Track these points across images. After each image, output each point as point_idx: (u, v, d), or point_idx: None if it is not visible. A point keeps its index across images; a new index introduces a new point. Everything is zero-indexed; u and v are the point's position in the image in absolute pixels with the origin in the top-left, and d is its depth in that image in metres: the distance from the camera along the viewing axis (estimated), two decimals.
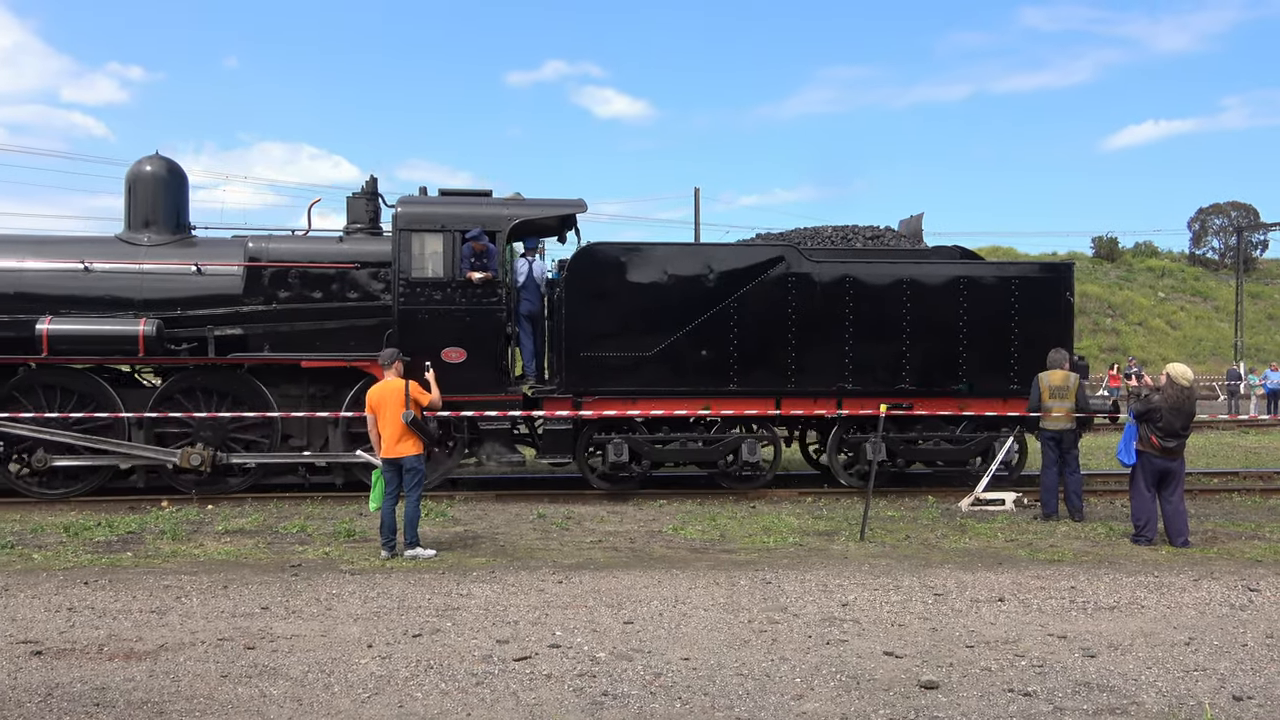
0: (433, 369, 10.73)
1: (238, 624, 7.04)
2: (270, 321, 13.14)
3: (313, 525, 11.06)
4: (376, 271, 13.22)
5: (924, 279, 13.58)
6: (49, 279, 12.92)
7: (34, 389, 12.89)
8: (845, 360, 13.39)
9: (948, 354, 13.47)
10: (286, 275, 13.18)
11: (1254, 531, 11.11)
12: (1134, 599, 7.93)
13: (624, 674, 5.97)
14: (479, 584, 8.26)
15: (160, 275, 13.03)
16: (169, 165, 13.71)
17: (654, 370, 13.09)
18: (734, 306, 13.24)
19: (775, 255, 13.50)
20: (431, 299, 12.92)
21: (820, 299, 13.36)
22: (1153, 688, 5.82)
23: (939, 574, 8.75)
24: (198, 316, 13.02)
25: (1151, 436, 10.26)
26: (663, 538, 10.60)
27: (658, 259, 13.37)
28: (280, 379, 13.24)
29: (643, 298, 13.22)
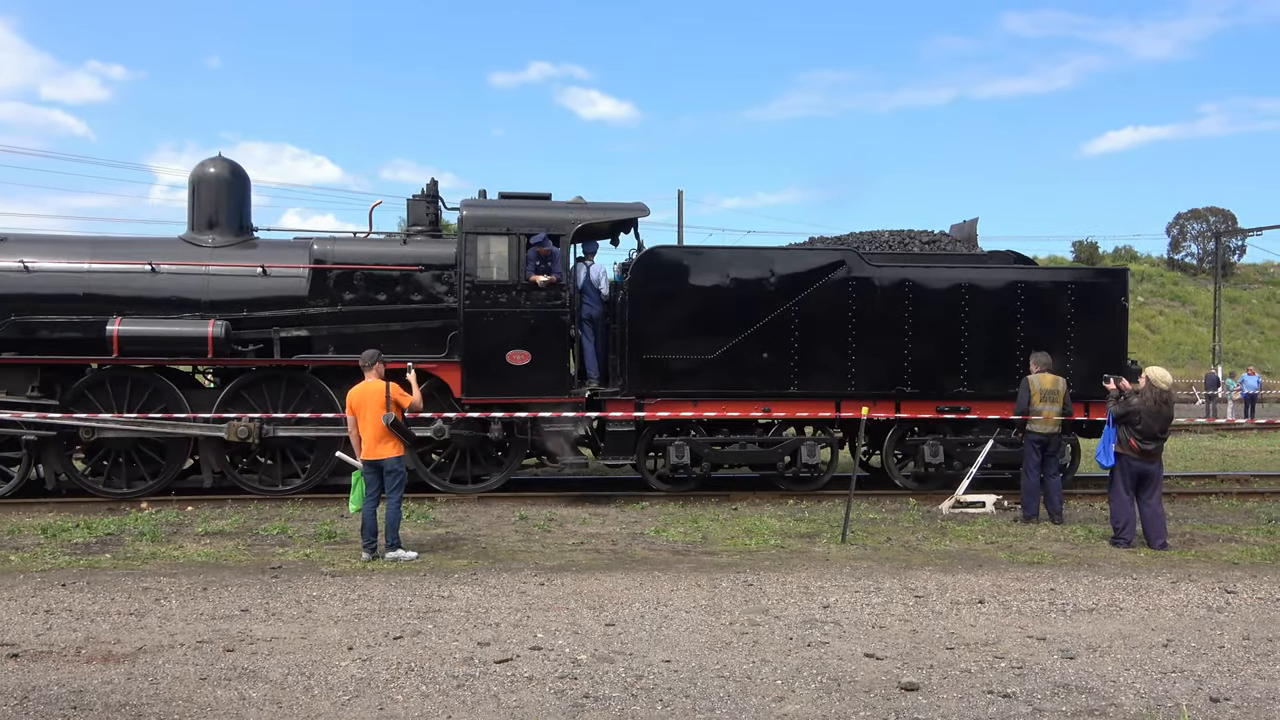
0: (413, 370, 10.67)
1: (217, 626, 7.00)
2: (335, 323, 13.18)
3: (293, 527, 11.01)
4: (440, 274, 13.28)
5: (982, 283, 13.76)
6: (116, 280, 12.92)
7: (102, 388, 12.89)
8: (904, 363, 13.51)
9: (1004, 358, 13.57)
10: (351, 277, 13.21)
11: (1231, 534, 11.20)
12: (1112, 601, 7.98)
13: (605, 676, 5.97)
14: (460, 586, 8.24)
15: (226, 277, 13.08)
16: (232, 167, 13.74)
17: (715, 373, 13.18)
18: (795, 310, 13.37)
19: (836, 259, 13.65)
20: (497, 301, 13.01)
21: (880, 303, 13.50)
22: (1131, 689, 5.86)
23: (920, 576, 8.78)
24: (263, 318, 13.06)
25: (1130, 439, 10.33)
26: (645, 540, 10.61)
27: (720, 262, 13.52)
28: (345, 381, 13.12)
29: (705, 301, 13.31)
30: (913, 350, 13.48)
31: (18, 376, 12.77)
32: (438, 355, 13.03)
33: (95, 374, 12.90)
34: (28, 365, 12.73)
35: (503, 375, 12.93)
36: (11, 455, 12.78)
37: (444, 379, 13.06)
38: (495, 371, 12.95)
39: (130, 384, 12.90)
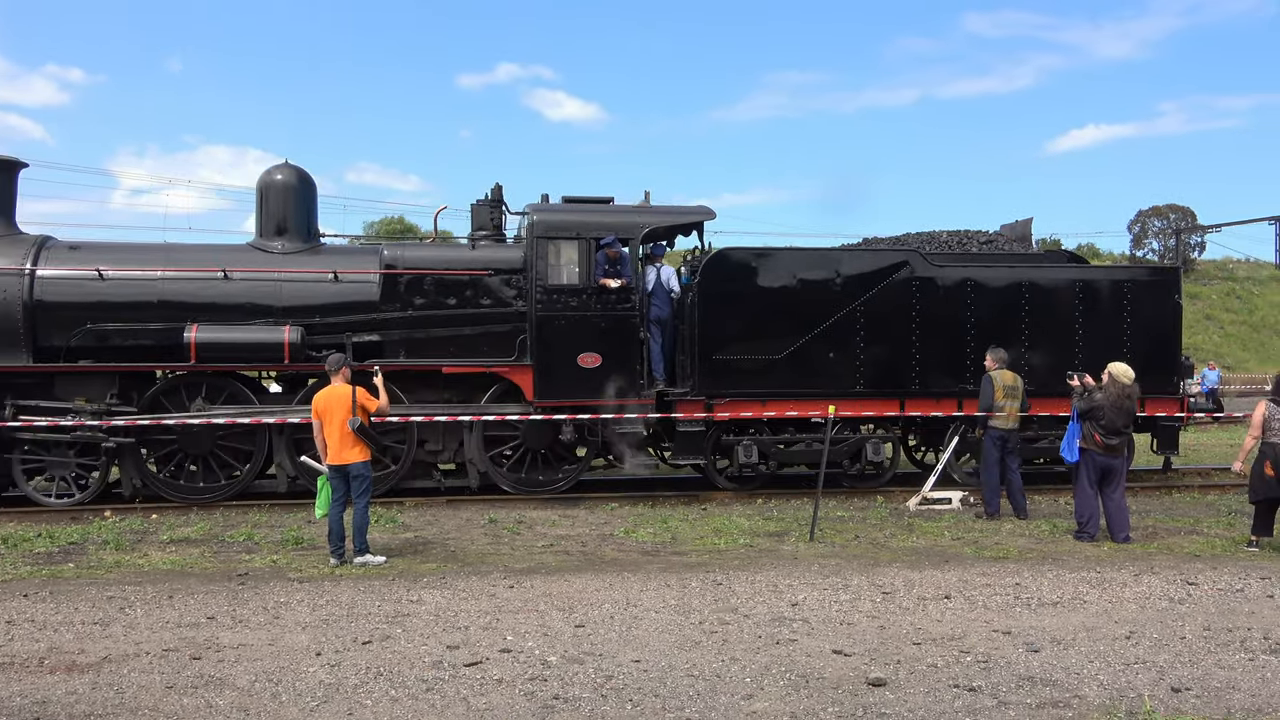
0: (381, 374, 10.62)
1: (183, 634, 6.95)
2: (407, 328, 13.23)
3: (260, 534, 10.93)
4: (508, 278, 13.38)
5: (1042, 283, 14.04)
6: (190, 287, 12.95)
7: (178, 394, 12.95)
8: (966, 362, 13.70)
9: (1063, 355, 13.71)
10: (422, 282, 13.28)
11: (1192, 527, 11.37)
12: (1077, 594, 8.08)
13: (575, 677, 5.98)
14: (429, 590, 8.22)
15: (299, 282, 13.12)
16: (299, 174, 13.77)
17: (783, 372, 13.32)
18: (860, 310, 13.59)
19: (900, 260, 13.89)
20: (568, 305, 13.19)
21: (942, 302, 13.75)
22: (1094, 681, 5.93)
23: (887, 573, 8.85)
24: (336, 323, 13.10)
25: (1095, 434, 10.46)
26: (614, 541, 10.62)
27: (787, 263, 13.78)
28: (416, 385, 13.37)
29: (772, 301, 13.50)
30: (975, 349, 13.64)
31: (96, 384, 12.82)
32: (508, 359, 13.24)
33: (171, 380, 12.97)
34: (106, 373, 12.77)
35: (574, 378, 13.15)
36: (85, 462, 12.80)
37: (516, 382, 13.25)
38: (567, 374, 13.15)
39: (205, 389, 12.96)
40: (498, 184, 14.43)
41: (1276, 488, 9.78)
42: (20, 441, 12.63)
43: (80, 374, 12.74)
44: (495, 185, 14.42)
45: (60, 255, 12.96)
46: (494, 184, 14.45)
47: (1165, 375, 14.21)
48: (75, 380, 12.79)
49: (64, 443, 12.67)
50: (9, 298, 12.52)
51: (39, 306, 12.59)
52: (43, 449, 12.70)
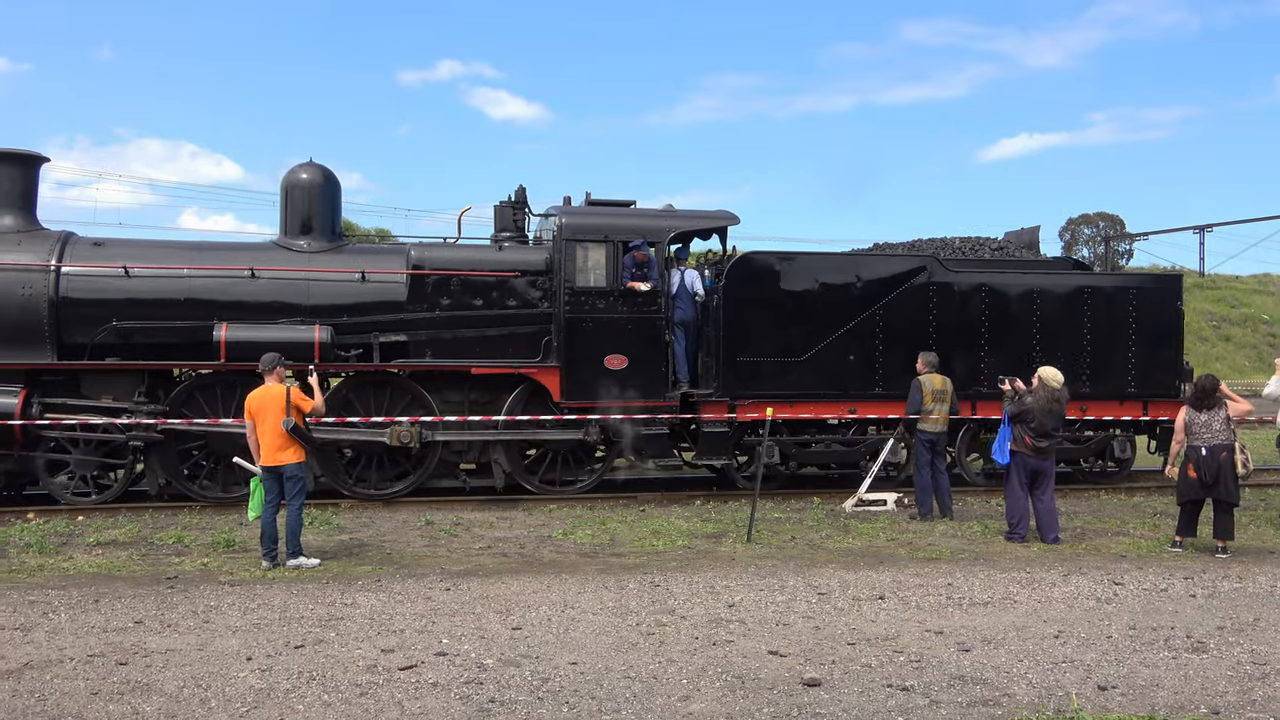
0: (315, 374, 10.49)
1: (109, 639, 6.79)
2: (434, 328, 13.23)
3: (190, 536, 10.72)
4: (534, 280, 13.47)
5: (1052, 289, 14.45)
6: (217, 285, 12.86)
7: (206, 392, 12.86)
8: (980, 365, 14.04)
9: (1073, 360, 14.10)
10: (449, 283, 13.29)
11: (1119, 528, 11.63)
12: (1007, 594, 8.22)
13: (511, 680, 5.95)
14: (364, 593, 8.13)
15: (327, 281, 13.07)
16: (324, 172, 13.71)
17: (804, 374, 13.47)
18: (880, 313, 13.87)
19: (918, 265, 14.24)
20: (595, 307, 13.33)
21: (958, 307, 14.11)
22: (1024, 679, 6.04)
23: (823, 573, 8.93)
24: (363, 323, 13.11)
25: (1025, 437, 10.66)
26: (552, 543, 10.58)
27: (809, 267, 14.03)
28: (442, 385, 13.41)
29: (795, 305, 13.73)
30: (988, 352, 14.08)
31: (123, 382, 12.65)
32: (533, 360, 13.33)
33: (198, 379, 12.89)
34: (133, 371, 12.65)
35: (601, 379, 13.27)
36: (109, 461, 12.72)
37: (543, 383, 13.31)
38: (594, 376, 13.26)
39: (232, 388, 12.78)
40: (521, 186, 14.59)
41: (1200, 489, 10.04)
42: (45, 439, 12.45)
43: (107, 372, 12.60)
44: (519, 187, 14.58)
45: (85, 251, 12.80)
46: (518, 186, 14.65)
47: (1168, 379, 14.70)
48: (102, 378, 12.68)
49: (89, 440, 12.54)
50: (34, 294, 12.38)
51: (64, 303, 12.47)
52: (67, 446, 12.53)
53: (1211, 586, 8.56)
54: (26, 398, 12.19)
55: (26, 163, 13.03)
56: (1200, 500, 10.22)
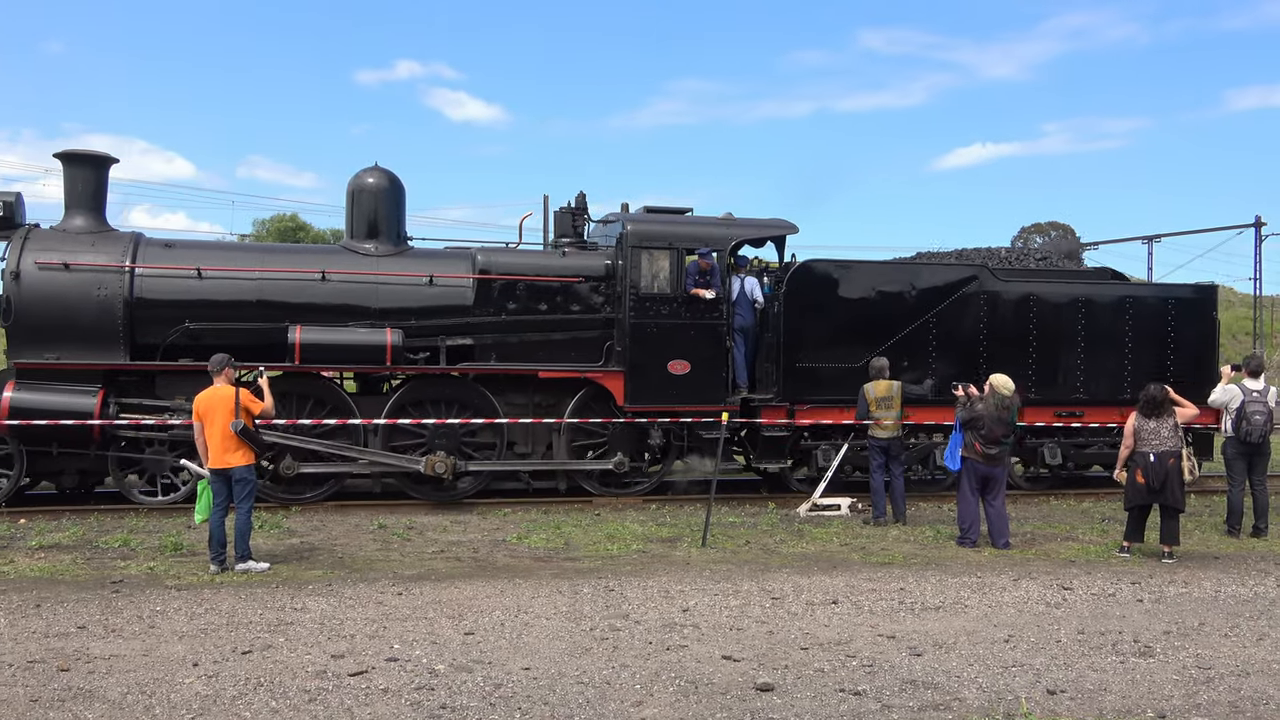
0: (265, 375, 10.34)
1: (51, 645, 6.64)
2: (499, 332, 13.43)
3: (137, 539, 10.53)
4: (596, 285, 13.70)
5: (1097, 298, 14.86)
6: (288, 287, 12.97)
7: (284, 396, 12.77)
8: (1029, 372, 14.32)
9: (1115, 367, 14.58)
10: (514, 288, 13.51)
11: (1068, 533, 11.77)
12: (958, 599, 8.28)
13: (463, 686, 5.89)
14: (314, 597, 8.02)
15: (396, 285, 13.22)
16: (389, 177, 13.82)
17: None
18: (933, 321, 14.18)
19: (970, 274, 14.61)
20: (659, 313, 13.54)
21: (1008, 315, 14.47)
22: (974, 684, 6.08)
23: (777, 578, 8.95)
24: (430, 326, 13.23)
25: (975, 443, 10.76)
26: (506, 547, 10.52)
27: (866, 276, 14.33)
28: (507, 388, 13.56)
29: (852, 312, 14.04)
30: (1036, 359, 14.45)
31: (194, 383, 12.36)
32: (596, 364, 13.54)
33: (277, 381, 12.61)
34: (206, 372, 12.27)
35: (664, 384, 13.50)
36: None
37: (607, 387, 13.47)
38: (657, 380, 13.49)
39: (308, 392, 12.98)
40: (581, 192, 14.83)
41: (1147, 495, 10.19)
42: (118, 439, 12.42)
43: (181, 372, 12.57)
44: (579, 193, 14.79)
45: (157, 253, 12.89)
46: (578, 191, 14.89)
47: (1204, 387, 14.89)
48: (176, 378, 12.65)
49: (161, 441, 12.55)
50: (110, 295, 12.45)
51: (139, 304, 12.54)
52: (141, 446, 12.57)
53: (1158, 591, 8.69)
54: (104, 398, 12.22)
55: (97, 164, 13.11)
56: (1148, 506, 10.37)
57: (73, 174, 12.97)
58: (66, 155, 12.98)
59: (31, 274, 12.33)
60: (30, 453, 12.34)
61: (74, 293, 12.38)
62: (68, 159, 12.98)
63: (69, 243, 12.62)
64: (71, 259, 12.43)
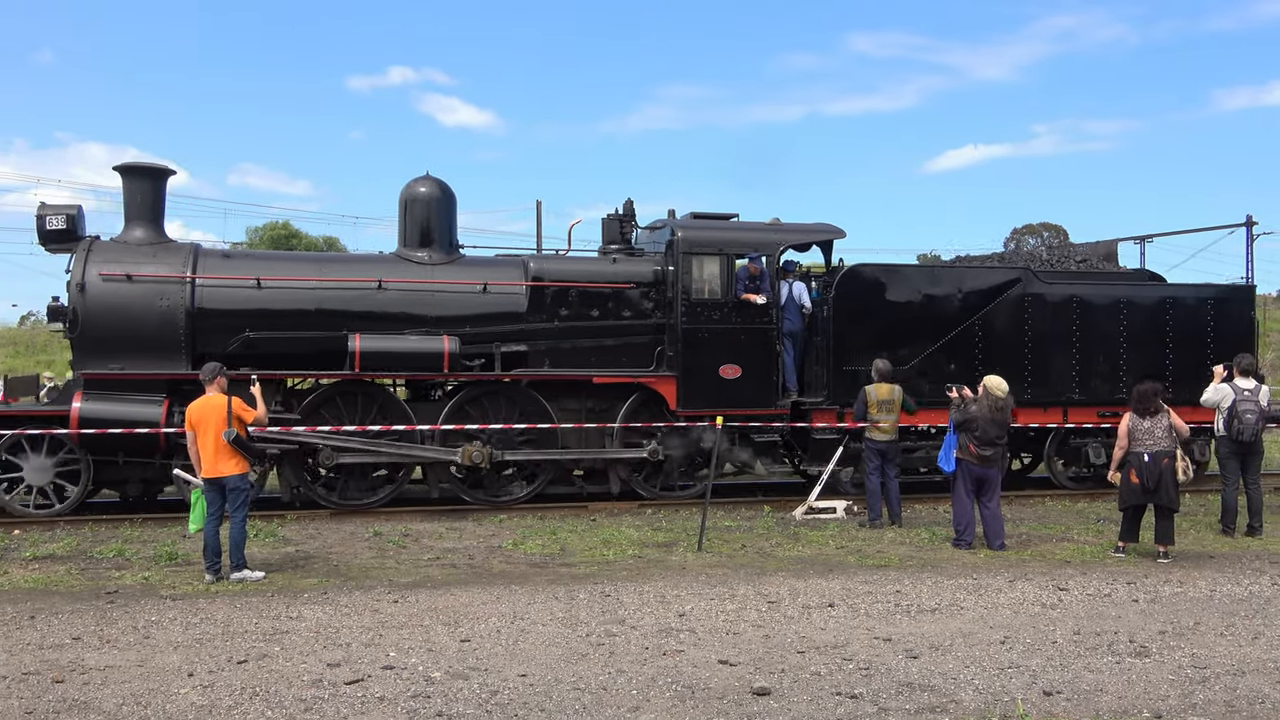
0: (257, 383, 10.32)
1: (45, 656, 6.62)
2: (553, 338, 13.67)
3: (131, 549, 10.50)
4: (647, 291, 13.92)
5: (1138, 299, 15.14)
6: (346, 295, 13.19)
7: (335, 402, 13.18)
8: (1072, 373, 14.63)
9: (1155, 367, 14.52)
10: (567, 294, 13.73)
11: (1064, 534, 11.78)
12: (954, 601, 8.29)
13: (459, 693, 5.88)
14: (310, 606, 8.01)
15: (451, 293, 13.43)
16: (441, 186, 13.99)
17: (909, 383, 13.58)
18: (979, 323, 14.42)
19: (1014, 277, 14.78)
20: (710, 318, 13.78)
21: (1051, 317, 14.66)
22: (970, 686, 6.09)
23: (773, 582, 8.95)
24: (485, 333, 13.45)
25: (970, 445, 10.77)
26: (502, 553, 10.51)
27: (912, 279, 14.65)
28: (560, 394, 13.74)
29: (899, 315, 14.22)
30: (1079, 360, 14.67)
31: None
32: (648, 369, 13.78)
33: (329, 388, 13.22)
34: (268, 380, 12.70)
35: (716, 388, 13.68)
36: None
37: (660, 392, 13.70)
38: (709, 385, 13.68)
39: (364, 398, 13.22)
40: (629, 199, 15.00)
41: (1142, 495, 10.20)
42: (181, 447, 12.30)
43: (243, 381, 12.47)
44: (627, 200, 14.98)
45: (216, 263, 13.16)
46: (625, 199, 15.10)
47: None
48: (239, 387, 12.55)
49: None
50: (172, 305, 12.65)
51: (200, 314, 12.75)
52: None
53: (1153, 591, 8.70)
54: (169, 407, 12.35)
55: (155, 176, 13.30)
56: (1142, 506, 10.38)
57: (131, 186, 13.18)
58: (125, 168, 13.17)
59: (96, 285, 12.54)
60: (95, 462, 12.50)
61: (137, 303, 12.59)
62: (126, 171, 13.17)
63: (131, 254, 12.81)
64: (134, 270, 12.64)
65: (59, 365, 32.50)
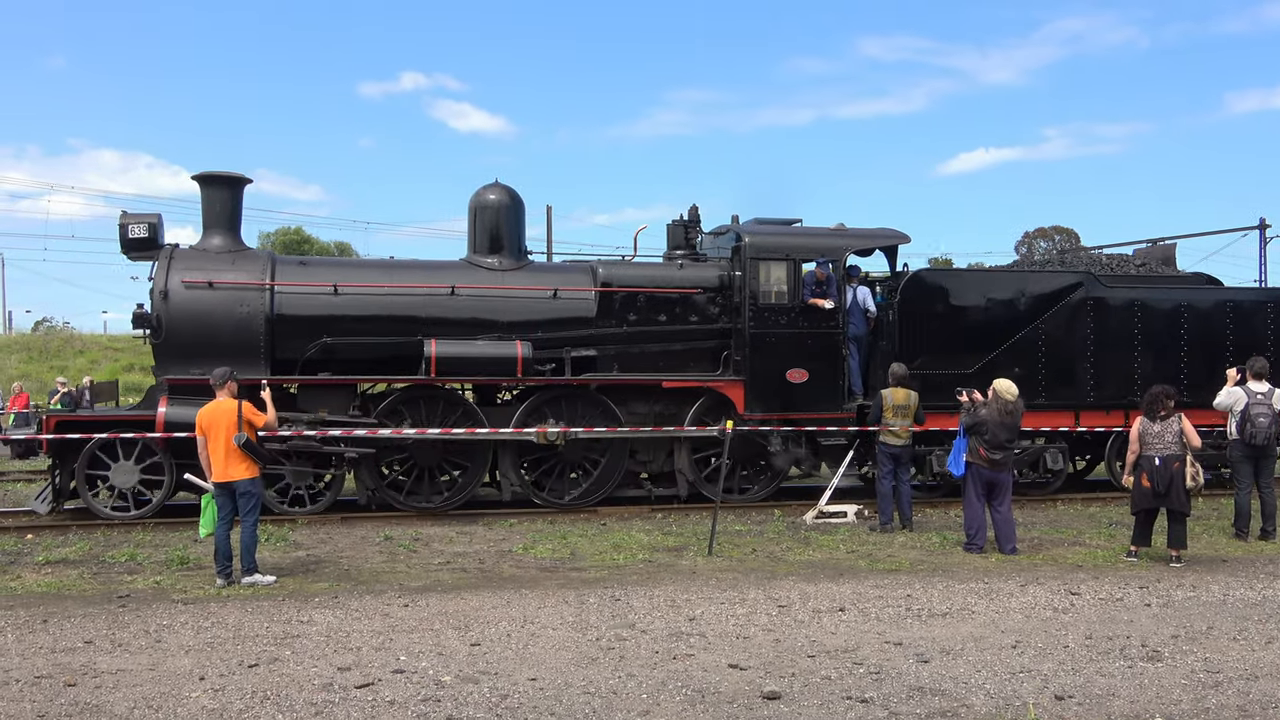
0: (268, 388, 10.35)
1: (58, 660, 6.65)
2: (621, 343, 13.86)
3: (143, 553, 10.55)
4: (713, 296, 14.11)
5: (1198, 303, 15.24)
6: (419, 301, 13.39)
7: (412, 405, 13.37)
8: (1134, 376, 14.69)
9: (1215, 370, 14.41)
10: (635, 299, 13.95)
11: (1075, 538, 11.74)
12: (965, 605, 8.26)
13: (469, 697, 5.89)
14: (321, 610, 8.02)
15: (522, 298, 13.65)
16: (510, 193, 14.22)
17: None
18: (1041, 327, 14.57)
19: (1076, 281, 14.92)
20: (778, 323, 13.95)
21: (1113, 321, 14.81)
22: (981, 690, 6.06)
23: (783, 586, 8.94)
24: (556, 338, 13.67)
25: (980, 449, 10.74)
26: (512, 557, 10.51)
27: (976, 284, 14.91)
28: (629, 397, 13.91)
29: (964, 320, 14.42)
30: (1141, 364, 14.78)
31: (336, 396, 13.17)
32: (714, 373, 14.00)
33: (405, 392, 13.41)
34: (344, 385, 13.22)
35: (783, 392, 13.86)
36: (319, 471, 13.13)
37: (728, 395, 13.85)
38: (777, 389, 13.85)
39: (434, 402, 13.39)
40: (694, 205, 15.18)
41: (1153, 499, 10.16)
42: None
43: (322, 386, 13.08)
44: (692, 206, 15.14)
45: (292, 270, 13.40)
46: (690, 205, 15.23)
47: None
48: (316, 392, 13.07)
49: (303, 453, 12.88)
50: (252, 312, 12.88)
51: (279, 320, 12.98)
52: (279, 460, 12.77)
53: (1166, 595, 8.66)
54: None
55: (233, 184, 13.53)
56: (1154, 510, 10.34)
57: (210, 195, 13.41)
58: (204, 177, 13.39)
59: (179, 293, 12.78)
60: (177, 465, 12.62)
61: (218, 310, 12.82)
62: (205, 180, 13.39)
63: (211, 261, 13.05)
64: (215, 277, 12.88)
65: (71, 371, 32.66)
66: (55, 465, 12.72)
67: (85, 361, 37.85)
